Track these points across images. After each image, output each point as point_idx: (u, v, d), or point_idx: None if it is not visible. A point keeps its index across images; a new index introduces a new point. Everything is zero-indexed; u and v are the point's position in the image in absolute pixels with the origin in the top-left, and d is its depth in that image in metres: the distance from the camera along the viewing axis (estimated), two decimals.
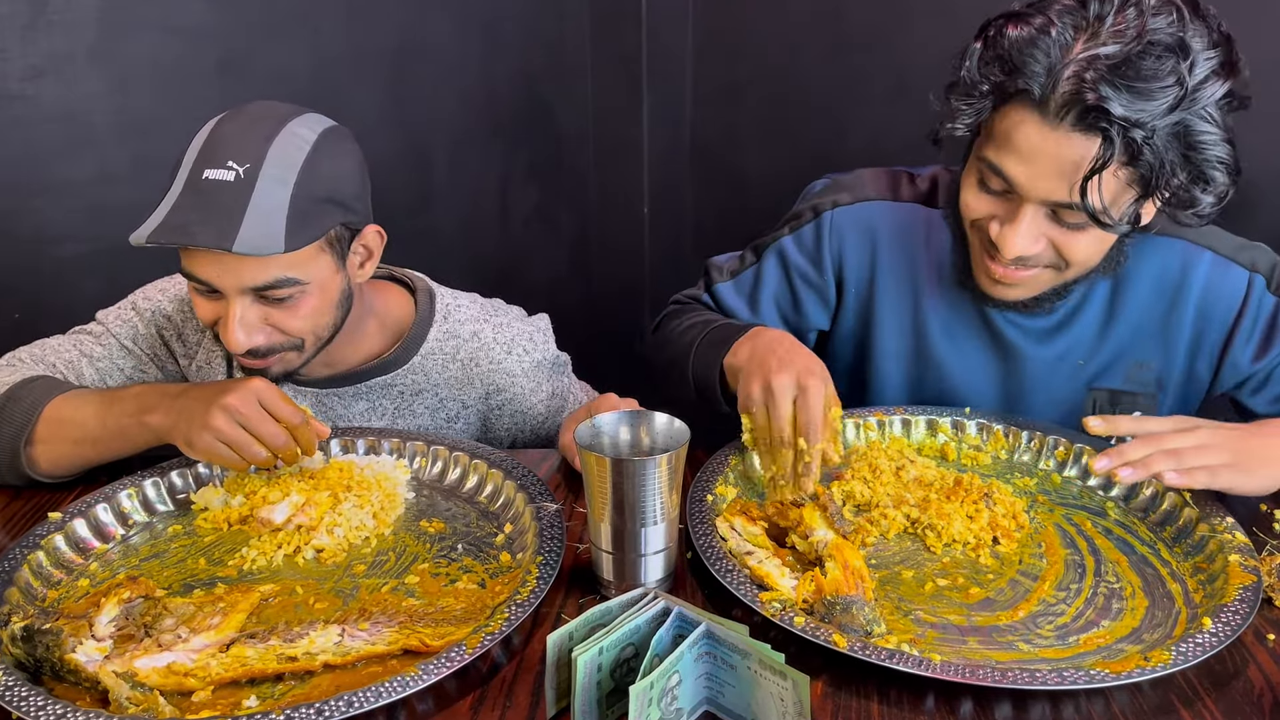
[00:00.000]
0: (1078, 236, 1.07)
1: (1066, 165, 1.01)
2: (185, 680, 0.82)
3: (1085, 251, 1.09)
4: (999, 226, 1.09)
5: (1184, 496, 1.07)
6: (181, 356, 1.33)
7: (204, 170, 1.07)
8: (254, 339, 1.12)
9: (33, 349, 1.27)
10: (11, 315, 1.85)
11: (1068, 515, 1.10)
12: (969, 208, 1.12)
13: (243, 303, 1.10)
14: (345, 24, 1.95)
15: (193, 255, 1.09)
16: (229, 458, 1.06)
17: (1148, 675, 0.81)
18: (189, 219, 1.05)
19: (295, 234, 1.07)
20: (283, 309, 1.13)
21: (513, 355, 1.33)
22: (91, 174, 1.82)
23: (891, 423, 1.25)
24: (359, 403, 1.31)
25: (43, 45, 1.73)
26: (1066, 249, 1.09)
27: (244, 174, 1.06)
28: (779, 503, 1.03)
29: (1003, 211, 1.09)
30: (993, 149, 1.06)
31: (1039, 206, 1.06)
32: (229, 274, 1.08)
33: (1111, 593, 0.97)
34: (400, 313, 1.33)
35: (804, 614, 0.88)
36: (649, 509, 0.90)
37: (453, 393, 1.33)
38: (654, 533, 0.92)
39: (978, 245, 1.15)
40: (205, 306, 1.13)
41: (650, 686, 0.73)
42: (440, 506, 1.13)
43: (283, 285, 1.10)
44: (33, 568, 0.98)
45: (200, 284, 1.11)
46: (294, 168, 1.08)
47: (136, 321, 1.31)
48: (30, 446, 1.13)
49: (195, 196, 1.06)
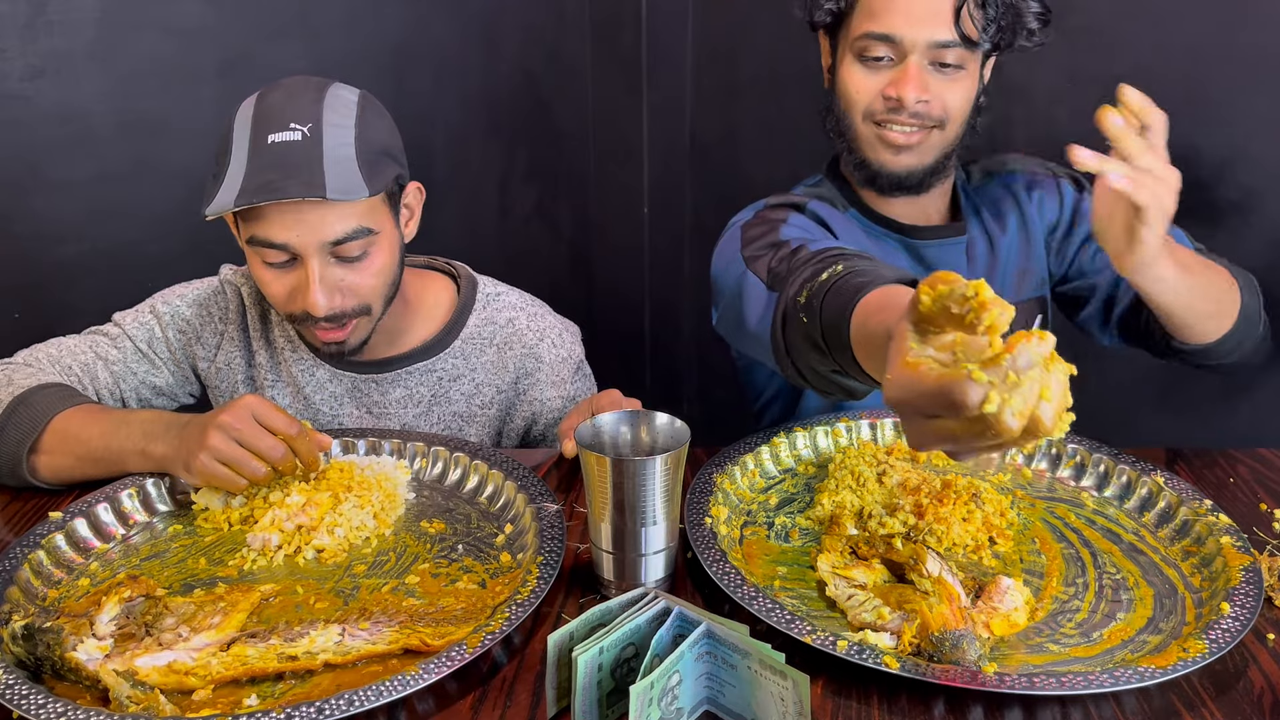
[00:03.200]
0: (952, 86, 1.25)
1: (939, 8, 1.21)
2: (186, 679, 0.82)
3: (960, 101, 1.27)
4: (894, 89, 1.24)
5: (1158, 481, 1.09)
6: (202, 360, 1.34)
7: (266, 136, 1.10)
8: (333, 300, 1.15)
9: (49, 349, 1.27)
10: (11, 315, 1.86)
11: (1050, 509, 1.11)
12: (861, 92, 1.27)
13: (321, 262, 1.13)
14: (345, 24, 1.95)
15: (269, 221, 1.11)
16: (227, 477, 1.05)
17: (1191, 667, 0.81)
18: (269, 178, 1.08)
19: (371, 180, 1.12)
20: (355, 267, 1.16)
21: (544, 343, 1.36)
22: (91, 174, 1.82)
23: (859, 427, 1.24)
24: (396, 389, 1.32)
25: (42, 45, 1.73)
26: (947, 100, 1.25)
27: (309, 132, 1.10)
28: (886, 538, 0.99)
29: (889, 79, 1.25)
30: (870, 21, 1.24)
31: (921, 57, 1.23)
32: (310, 230, 1.11)
33: (1116, 584, 0.97)
34: (444, 301, 1.36)
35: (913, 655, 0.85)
36: (649, 509, 0.90)
37: (488, 378, 1.35)
38: (654, 532, 0.92)
39: (869, 134, 1.29)
40: (279, 281, 1.16)
41: (651, 686, 0.73)
42: (441, 507, 1.13)
43: (358, 236, 1.14)
44: (33, 567, 0.98)
45: (277, 249, 1.13)
46: (349, 124, 1.13)
47: (155, 325, 1.32)
48: (34, 455, 1.14)
49: (266, 159, 1.09)
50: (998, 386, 0.58)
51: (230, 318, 1.33)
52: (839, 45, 1.31)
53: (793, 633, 0.85)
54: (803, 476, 1.18)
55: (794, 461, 1.20)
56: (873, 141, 1.29)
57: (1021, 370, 0.58)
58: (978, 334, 0.60)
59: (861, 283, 0.89)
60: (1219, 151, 1.81)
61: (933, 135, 1.28)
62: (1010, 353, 0.58)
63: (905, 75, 1.23)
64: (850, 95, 1.29)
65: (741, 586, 0.91)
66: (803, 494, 1.14)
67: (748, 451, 1.18)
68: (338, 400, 1.33)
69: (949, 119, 1.27)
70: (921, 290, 0.62)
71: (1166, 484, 1.09)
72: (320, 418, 1.34)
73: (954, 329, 0.62)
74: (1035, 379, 0.58)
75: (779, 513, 1.10)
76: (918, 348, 0.63)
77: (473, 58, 2.07)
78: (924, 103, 1.24)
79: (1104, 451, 1.16)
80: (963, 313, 0.60)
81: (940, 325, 0.62)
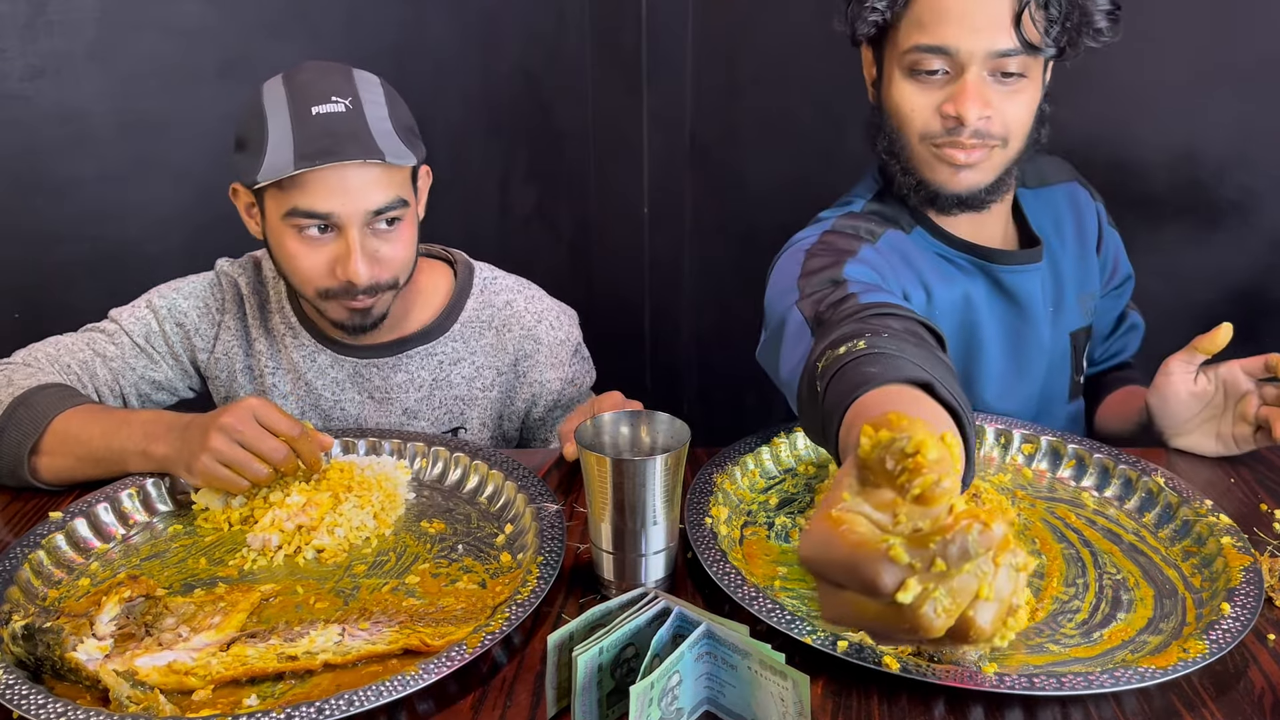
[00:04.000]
0: (1014, 97, 1.15)
1: (998, 14, 1.10)
2: (185, 679, 0.82)
3: (1022, 115, 1.16)
4: (953, 106, 1.14)
5: (1159, 481, 1.09)
6: (201, 351, 1.34)
7: (309, 107, 1.13)
8: (373, 270, 1.19)
9: (47, 348, 1.27)
10: (12, 315, 1.86)
11: (1050, 509, 1.11)
12: (916, 111, 1.17)
13: (361, 232, 1.16)
14: (345, 24, 1.95)
15: (314, 190, 1.13)
16: (229, 479, 1.06)
17: (1192, 668, 0.81)
18: (324, 144, 1.11)
19: (413, 149, 1.18)
20: (389, 238, 1.19)
21: (542, 324, 1.38)
22: (91, 174, 1.82)
23: None
24: (398, 374, 1.33)
25: (42, 45, 1.73)
26: (1008, 116, 1.15)
27: (350, 105, 1.14)
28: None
29: (946, 94, 1.15)
30: (920, 32, 1.13)
31: (980, 68, 1.12)
32: (355, 198, 1.14)
33: (1117, 584, 0.97)
34: (442, 286, 1.38)
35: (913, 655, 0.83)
36: (649, 509, 0.90)
37: (488, 360, 1.36)
38: (655, 532, 0.92)
39: (926, 154, 1.19)
40: (315, 254, 1.18)
41: (651, 686, 0.73)
42: (441, 507, 1.13)
43: (396, 206, 1.18)
44: (33, 566, 0.98)
45: (319, 219, 1.15)
46: (382, 101, 1.18)
47: (151, 319, 1.32)
48: (35, 456, 1.13)
49: (314, 128, 1.12)
50: (919, 572, 0.47)
51: (227, 307, 1.34)
52: (885, 59, 1.20)
53: (793, 633, 0.85)
54: (803, 476, 1.18)
55: (794, 461, 1.20)
56: (930, 161, 1.19)
57: (953, 559, 0.47)
58: (907, 499, 0.50)
59: (868, 375, 0.80)
60: (1219, 152, 1.82)
61: (994, 153, 1.18)
62: (945, 535, 0.47)
63: (964, 90, 1.12)
64: (903, 115, 1.18)
65: (742, 587, 0.91)
66: (803, 494, 1.14)
67: (748, 451, 1.18)
68: (339, 385, 1.34)
69: (1011, 135, 1.17)
70: (863, 433, 0.52)
71: (1167, 484, 1.09)
72: (322, 403, 1.34)
73: (889, 487, 0.51)
74: (973, 571, 0.48)
75: (779, 513, 1.10)
76: (852, 500, 0.52)
77: (473, 58, 2.08)
78: (986, 119, 1.14)
79: (1104, 451, 1.16)
80: (897, 473, 0.50)
81: (879, 478, 0.52)
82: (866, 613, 0.50)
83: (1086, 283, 1.37)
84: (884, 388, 0.78)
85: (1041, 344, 1.30)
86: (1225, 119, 1.78)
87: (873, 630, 0.51)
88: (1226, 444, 1.19)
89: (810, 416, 0.93)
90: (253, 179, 1.14)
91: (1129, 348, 1.51)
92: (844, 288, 1.06)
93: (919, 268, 1.24)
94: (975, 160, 1.17)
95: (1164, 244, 1.86)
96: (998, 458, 1.22)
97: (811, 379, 0.92)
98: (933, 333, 0.97)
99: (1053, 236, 1.33)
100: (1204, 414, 1.20)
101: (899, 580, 0.47)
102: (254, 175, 1.13)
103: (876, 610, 0.49)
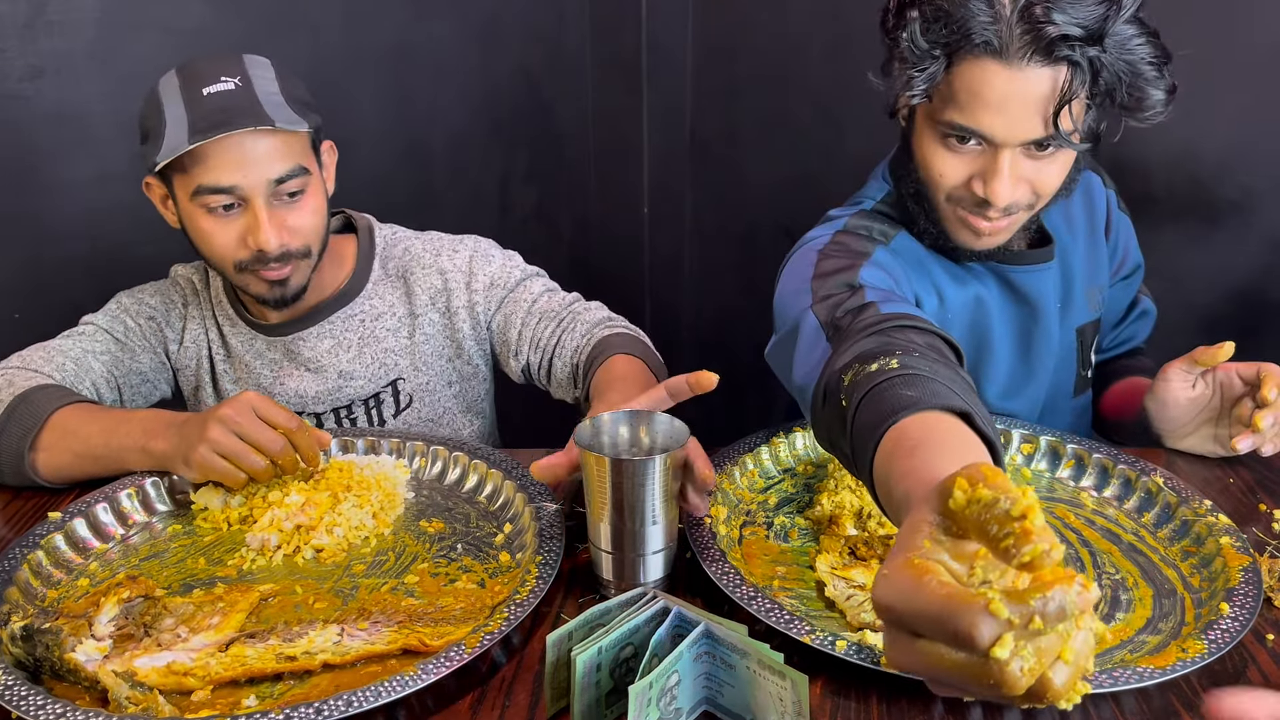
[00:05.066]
0: (1048, 166, 1.10)
1: (1038, 102, 1.03)
2: (184, 680, 0.82)
3: (1054, 180, 1.12)
4: (982, 184, 1.10)
5: (1158, 481, 1.09)
6: (171, 342, 1.39)
7: (200, 89, 1.18)
8: (281, 237, 1.22)
9: (39, 351, 1.28)
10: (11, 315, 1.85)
11: (1049, 509, 1.10)
12: (945, 177, 1.13)
13: (266, 202, 1.20)
14: (344, 24, 1.95)
15: (217, 165, 1.17)
16: (226, 470, 1.06)
17: (1191, 668, 0.81)
18: (216, 119, 1.15)
19: (304, 117, 1.21)
20: (295, 207, 1.23)
21: (442, 256, 1.40)
22: (91, 174, 1.82)
23: None
24: (324, 341, 1.37)
25: (42, 45, 1.73)
26: (1039, 183, 1.11)
27: (239, 82, 1.18)
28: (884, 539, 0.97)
29: (977, 167, 1.10)
30: (956, 111, 1.07)
31: (1013, 152, 1.07)
32: (257, 168, 1.18)
33: (1116, 584, 0.97)
34: (348, 251, 1.42)
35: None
36: (648, 509, 0.90)
37: (406, 308, 1.39)
38: (653, 532, 0.92)
39: (951, 214, 1.16)
40: (225, 229, 1.21)
41: (649, 686, 0.73)
42: (440, 506, 1.13)
43: (298, 174, 1.21)
44: (32, 567, 0.98)
45: (224, 193, 1.18)
46: (272, 77, 1.22)
47: (124, 316, 1.36)
48: (34, 452, 1.14)
49: (207, 106, 1.17)
50: (1017, 629, 0.46)
51: (189, 300, 1.40)
52: (917, 112, 1.15)
53: (792, 633, 0.84)
54: (802, 477, 1.18)
55: (793, 461, 1.20)
56: (954, 222, 1.17)
57: (1050, 617, 0.46)
58: (1013, 564, 0.49)
59: (906, 399, 0.79)
60: (1219, 151, 1.81)
61: (1021, 215, 1.15)
62: (1045, 593, 0.47)
63: (996, 173, 1.08)
64: (932, 176, 1.14)
65: (740, 586, 0.91)
66: (802, 494, 1.14)
67: (747, 451, 1.18)
68: (277, 365, 1.38)
69: (1041, 198, 1.13)
70: (956, 485, 0.51)
71: (1166, 484, 1.09)
72: (263, 382, 1.38)
73: (981, 542, 0.51)
74: (1061, 633, 0.47)
75: (778, 513, 1.10)
76: (931, 547, 0.52)
77: (473, 58, 2.07)
78: (1012, 203, 1.11)
79: (1103, 451, 1.16)
80: (999, 535, 0.49)
81: (966, 531, 0.51)
82: (944, 663, 0.49)
83: (1096, 275, 1.36)
84: (923, 414, 0.77)
85: (1051, 343, 1.30)
86: (1225, 118, 1.77)
87: (947, 680, 0.50)
88: (1224, 446, 1.19)
89: (827, 424, 0.92)
90: (152, 161, 1.18)
91: (1139, 334, 1.49)
92: (861, 294, 1.04)
93: (931, 269, 1.23)
94: (1001, 228, 1.15)
95: (1163, 244, 1.86)
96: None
97: (833, 390, 0.90)
98: (952, 348, 0.97)
99: (1064, 231, 1.31)
100: (1200, 417, 1.20)
101: (996, 635, 0.46)
102: (152, 158, 1.17)
103: (958, 662, 0.48)
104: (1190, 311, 1.83)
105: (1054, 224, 1.31)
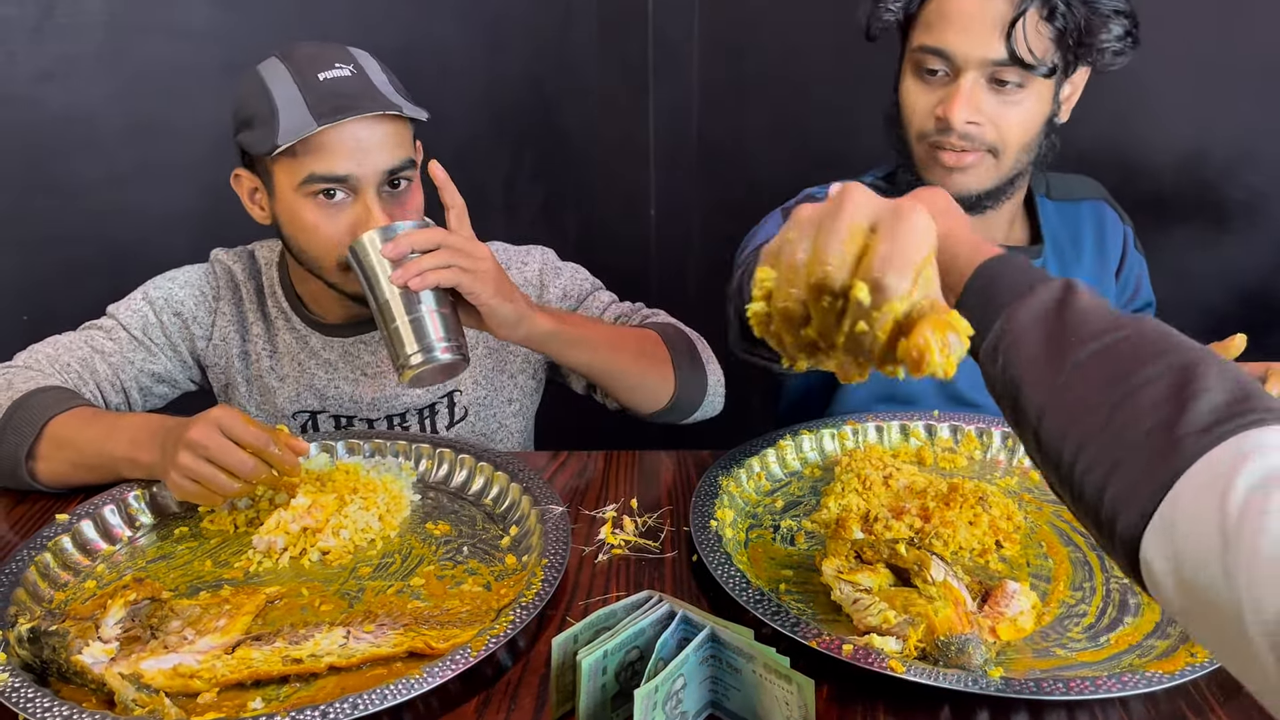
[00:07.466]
0: (1010, 109, 1.18)
1: (996, 23, 1.13)
2: (191, 682, 0.82)
3: (1017, 127, 1.19)
4: (943, 106, 1.18)
5: None
6: (199, 339, 1.34)
7: (316, 74, 1.15)
8: None
9: (46, 349, 1.27)
10: (20, 317, 1.86)
11: (1057, 512, 1.10)
12: (915, 111, 1.21)
13: (376, 199, 1.16)
14: (350, 25, 1.95)
15: (331, 153, 1.13)
16: (200, 495, 1.03)
17: (1199, 673, 0.80)
18: (338, 103, 1.12)
19: (418, 107, 1.19)
20: (400, 203, 1.20)
21: (511, 268, 1.38)
22: (99, 176, 1.83)
23: (865, 430, 1.24)
24: (384, 348, 1.31)
25: (51, 48, 1.73)
26: (1001, 123, 1.18)
27: (354, 70, 1.17)
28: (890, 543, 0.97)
29: (943, 94, 1.19)
30: (926, 34, 1.18)
31: (976, 74, 1.16)
32: (371, 158, 1.14)
33: (1124, 588, 0.97)
34: None
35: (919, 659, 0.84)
36: (382, 279, 1.06)
37: None
38: (405, 298, 1.06)
39: (923, 152, 1.23)
40: (333, 222, 1.16)
41: (655, 690, 0.73)
42: (446, 509, 1.13)
43: (407, 167, 1.19)
44: (40, 569, 0.99)
45: (337, 182, 1.14)
46: (377, 68, 1.20)
47: (148, 311, 1.31)
48: (32, 460, 1.13)
49: (324, 90, 1.14)
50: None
51: (223, 294, 1.34)
52: (903, 55, 1.25)
53: (798, 636, 0.84)
54: (808, 480, 1.17)
55: (800, 464, 1.20)
56: (926, 160, 1.23)
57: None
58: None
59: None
60: (1226, 152, 1.81)
61: (985, 160, 1.20)
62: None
63: (955, 93, 1.16)
64: (906, 111, 1.23)
65: (746, 590, 0.91)
66: (808, 497, 1.14)
67: (753, 454, 1.17)
68: (332, 366, 1.34)
69: (1003, 147, 1.19)
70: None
71: None
72: (317, 383, 1.33)
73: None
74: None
75: (785, 516, 1.10)
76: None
77: (479, 59, 2.07)
78: (974, 124, 1.17)
79: None
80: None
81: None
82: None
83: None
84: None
85: None
86: (1233, 119, 1.77)
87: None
88: None
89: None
90: (270, 145, 1.12)
91: None
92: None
93: None
94: (966, 164, 1.20)
95: (1171, 244, 1.85)
96: (1004, 461, 1.21)
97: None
98: None
99: (1068, 249, 1.34)
100: None
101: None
102: (271, 142, 1.11)
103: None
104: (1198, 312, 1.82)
105: (1056, 237, 1.33)
